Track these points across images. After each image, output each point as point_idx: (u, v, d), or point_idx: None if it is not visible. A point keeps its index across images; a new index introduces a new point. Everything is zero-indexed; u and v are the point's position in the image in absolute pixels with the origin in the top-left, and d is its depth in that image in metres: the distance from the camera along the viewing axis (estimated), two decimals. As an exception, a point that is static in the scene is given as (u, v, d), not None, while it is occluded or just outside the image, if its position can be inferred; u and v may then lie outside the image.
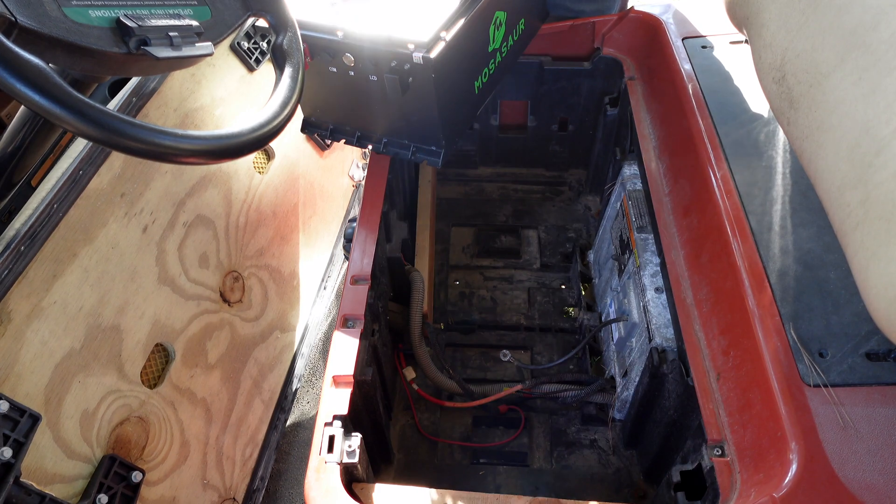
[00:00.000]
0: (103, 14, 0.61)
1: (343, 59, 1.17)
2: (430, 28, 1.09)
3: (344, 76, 1.21)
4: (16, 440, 0.81)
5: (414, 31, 1.09)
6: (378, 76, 1.17)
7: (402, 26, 1.10)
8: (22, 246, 0.89)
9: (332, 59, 1.18)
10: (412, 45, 1.07)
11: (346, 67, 1.19)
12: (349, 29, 1.12)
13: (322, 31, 1.14)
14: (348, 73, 1.20)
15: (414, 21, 1.11)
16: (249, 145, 0.70)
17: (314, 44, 1.17)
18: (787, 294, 0.87)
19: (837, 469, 0.72)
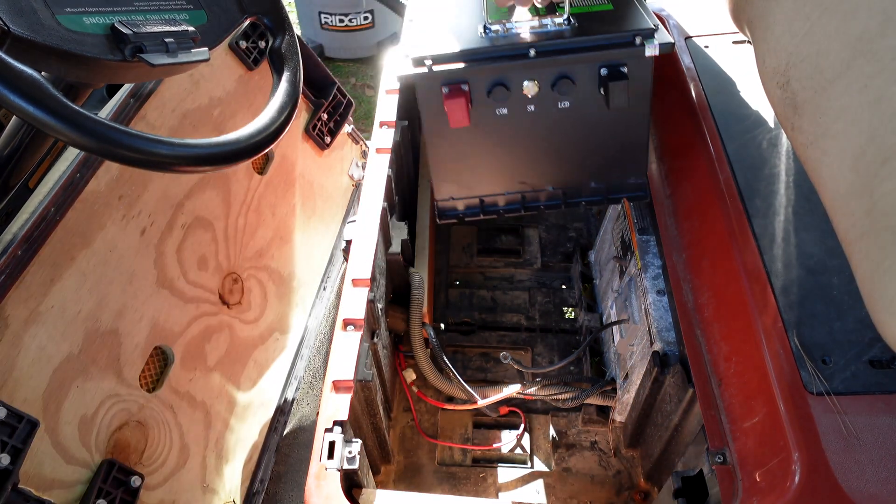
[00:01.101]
0: (98, 21, 0.60)
1: (523, 91, 0.96)
2: (638, 17, 0.93)
3: (516, 117, 1.00)
4: (14, 446, 0.81)
5: (624, 23, 0.91)
6: (575, 98, 0.98)
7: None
8: (19, 250, 0.89)
9: (508, 93, 0.96)
10: (639, 38, 0.92)
11: (523, 103, 0.98)
12: (544, 42, 0.91)
13: (502, 55, 0.92)
14: (526, 109, 0.99)
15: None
16: (247, 152, 0.69)
17: (480, 80, 0.94)
18: (789, 299, 0.87)
19: (840, 479, 0.71)
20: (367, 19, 3.14)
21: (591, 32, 0.93)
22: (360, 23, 3.14)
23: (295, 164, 1.57)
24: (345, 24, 3.13)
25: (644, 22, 0.94)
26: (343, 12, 3.09)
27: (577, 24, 0.95)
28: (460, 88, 0.95)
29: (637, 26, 0.93)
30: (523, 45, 0.92)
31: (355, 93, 3.18)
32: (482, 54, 0.93)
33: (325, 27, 3.16)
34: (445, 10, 1.01)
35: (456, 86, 0.95)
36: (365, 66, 3.32)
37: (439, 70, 0.93)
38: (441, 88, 0.95)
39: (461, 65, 0.93)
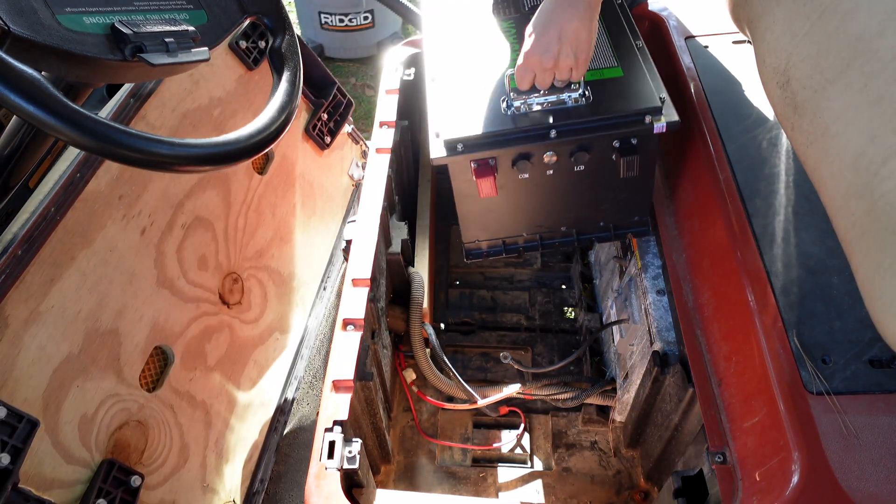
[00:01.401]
0: (98, 21, 0.60)
1: (543, 160, 1.04)
2: (647, 91, 1.01)
3: (536, 180, 1.08)
4: (14, 446, 0.81)
5: (635, 100, 1.00)
6: (589, 163, 1.06)
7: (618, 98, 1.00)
8: (19, 250, 0.89)
9: (530, 164, 1.05)
10: (648, 118, 1.00)
11: (543, 169, 1.06)
12: (562, 122, 1.00)
13: (526, 136, 1.01)
14: (545, 174, 1.07)
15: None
16: (248, 151, 0.69)
17: (507, 157, 1.03)
18: (789, 299, 0.87)
19: (840, 478, 0.71)
20: (367, 19, 3.14)
21: (604, 110, 1.01)
22: (360, 23, 3.14)
23: (295, 164, 1.57)
24: (345, 24, 3.13)
25: (652, 98, 1.01)
26: (343, 12, 3.09)
27: (592, 97, 1.02)
28: (488, 164, 1.04)
29: (646, 104, 1.00)
30: (544, 127, 1.00)
31: (355, 93, 3.18)
32: (507, 135, 1.02)
33: (325, 27, 3.16)
34: (469, 81, 1.10)
35: (484, 162, 1.04)
36: (365, 66, 3.32)
37: (470, 153, 1.02)
38: (470, 163, 1.04)
39: (489, 148, 1.02)
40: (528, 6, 1.22)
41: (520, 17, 1.20)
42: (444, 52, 1.18)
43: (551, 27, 0.93)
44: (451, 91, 1.09)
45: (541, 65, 0.96)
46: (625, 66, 1.07)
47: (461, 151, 1.02)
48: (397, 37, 3.28)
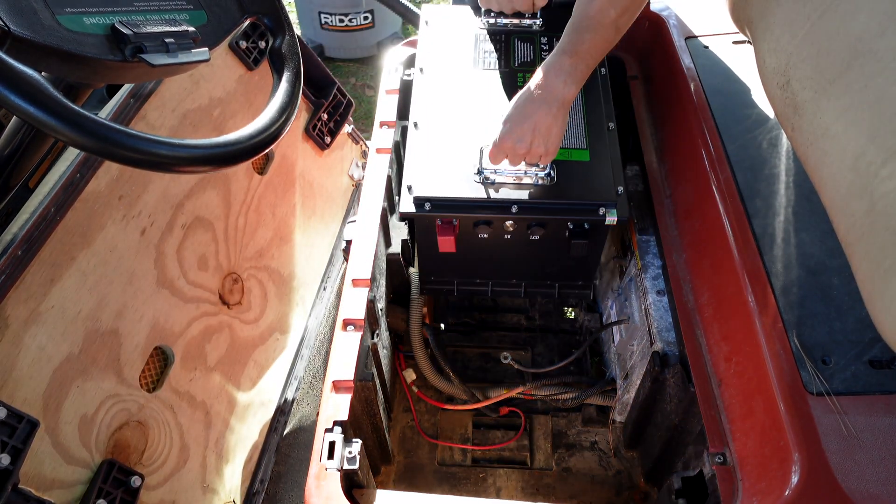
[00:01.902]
0: (98, 21, 0.60)
1: (503, 226, 1.12)
2: (606, 183, 1.08)
3: (493, 241, 1.17)
4: (14, 446, 0.81)
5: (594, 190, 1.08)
6: (544, 235, 1.14)
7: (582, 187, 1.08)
8: (19, 251, 0.89)
9: (489, 228, 1.13)
10: (602, 210, 1.07)
11: (501, 233, 1.15)
12: (525, 200, 1.08)
13: (489, 206, 1.09)
14: (503, 237, 1.16)
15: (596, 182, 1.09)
16: (248, 152, 0.69)
17: (469, 220, 1.11)
18: (790, 299, 0.87)
19: (840, 479, 0.71)
20: (367, 19, 3.14)
21: (565, 194, 1.09)
22: (360, 23, 3.14)
23: (295, 164, 1.57)
24: (345, 24, 3.13)
25: (610, 191, 1.08)
26: (343, 12, 3.09)
27: (556, 179, 1.10)
28: (451, 223, 1.12)
29: (603, 196, 1.08)
30: (507, 201, 1.08)
31: (355, 93, 3.18)
32: (473, 203, 1.09)
33: (325, 27, 3.16)
34: (447, 137, 1.17)
35: (448, 221, 1.12)
36: (365, 66, 3.32)
37: (437, 213, 1.10)
38: (436, 220, 1.12)
39: (454, 211, 1.10)
40: (517, 63, 1.30)
41: (508, 73, 1.28)
42: (431, 96, 1.24)
43: (526, 121, 1.00)
44: (429, 144, 1.16)
45: (514, 151, 1.03)
46: (593, 150, 1.14)
47: (428, 210, 1.10)
48: (397, 37, 3.28)
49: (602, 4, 0.98)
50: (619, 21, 1.00)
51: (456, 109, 1.22)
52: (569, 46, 1.00)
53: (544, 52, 1.31)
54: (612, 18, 0.99)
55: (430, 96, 1.24)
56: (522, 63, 1.29)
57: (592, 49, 1.00)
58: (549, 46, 1.32)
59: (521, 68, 1.28)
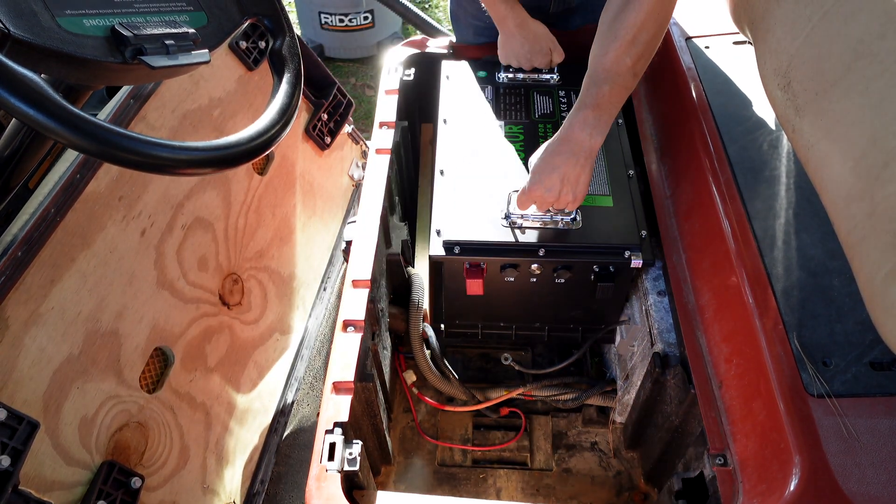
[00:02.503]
0: (98, 23, 0.60)
1: (530, 269, 1.15)
2: (630, 227, 1.12)
3: (519, 284, 1.19)
4: (14, 448, 0.81)
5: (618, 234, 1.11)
6: (569, 279, 1.16)
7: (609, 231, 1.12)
8: (19, 252, 0.89)
9: (516, 271, 1.16)
10: (627, 253, 1.10)
11: (528, 277, 1.17)
12: (552, 243, 1.12)
13: (517, 249, 1.12)
14: (529, 280, 1.18)
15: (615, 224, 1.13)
16: (248, 154, 0.69)
17: (496, 263, 1.14)
18: (790, 301, 0.87)
19: (841, 481, 0.71)
20: (367, 19, 3.14)
21: (591, 238, 1.12)
22: (360, 23, 3.14)
23: (295, 165, 1.57)
24: (345, 24, 3.13)
25: (634, 234, 1.12)
26: (343, 12, 3.09)
27: (581, 223, 1.13)
28: (479, 267, 1.15)
29: (628, 239, 1.12)
30: (535, 244, 1.11)
31: (355, 93, 3.17)
32: (501, 247, 1.12)
33: (325, 27, 3.15)
34: (474, 183, 1.21)
35: (476, 265, 1.15)
36: (365, 66, 3.31)
37: (464, 256, 1.14)
38: (464, 263, 1.15)
39: (483, 254, 1.13)
40: (537, 115, 1.36)
41: (529, 124, 1.33)
42: (456, 145, 1.29)
43: (555, 172, 1.04)
44: (456, 189, 1.20)
45: (542, 200, 1.07)
46: (616, 195, 1.19)
47: (457, 253, 1.13)
48: (397, 37, 3.28)
49: (617, 55, 0.99)
50: (636, 68, 1.01)
51: (480, 158, 1.26)
52: (590, 100, 1.02)
53: (563, 104, 1.38)
54: (628, 66, 1.00)
55: (455, 145, 1.29)
56: (542, 115, 1.35)
57: (612, 98, 1.02)
58: (566, 99, 1.39)
59: (542, 119, 1.34)
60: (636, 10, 0.96)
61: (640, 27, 0.97)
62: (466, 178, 1.22)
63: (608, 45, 0.99)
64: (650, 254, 1.11)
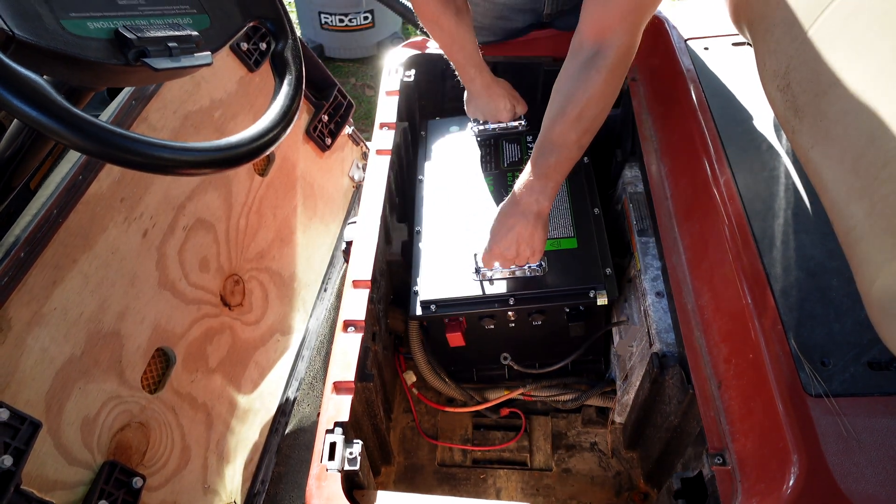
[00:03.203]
0: (102, 26, 0.61)
1: (506, 315, 1.22)
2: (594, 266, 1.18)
3: (498, 330, 1.26)
4: (16, 448, 0.81)
5: (583, 275, 1.18)
6: (545, 320, 1.23)
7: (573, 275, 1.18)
8: (22, 253, 0.89)
9: (494, 320, 1.23)
10: (592, 292, 1.16)
11: (506, 322, 1.24)
12: (520, 293, 1.18)
13: (489, 301, 1.19)
14: (507, 325, 1.25)
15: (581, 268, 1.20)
16: (248, 155, 0.70)
17: (474, 316, 1.22)
18: (789, 301, 0.87)
19: (839, 480, 0.72)
20: (367, 19, 3.14)
21: (557, 282, 1.19)
22: (360, 23, 3.14)
23: (296, 166, 1.57)
24: (345, 24, 3.13)
25: (598, 273, 1.18)
26: (343, 12, 3.09)
27: (547, 269, 1.20)
28: (458, 320, 1.23)
29: (592, 279, 1.18)
30: (505, 295, 1.19)
31: (355, 93, 3.18)
32: (473, 301, 1.20)
33: (325, 27, 3.16)
34: (448, 242, 1.30)
35: (455, 318, 1.23)
36: (365, 66, 3.32)
37: (442, 312, 1.22)
38: (444, 318, 1.23)
39: (459, 309, 1.21)
40: (506, 163, 1.42)
41: (498, 174, 1.40)
42: (430, 204, 1.37)
43: (510, 233, 1.11)
44: (432, 249, 1.29)
45: (503, 258, 1.15)
46: (580, 236, 1.25)
47: (433, 312, 1.21)
48: (397, 37, 3.28)
49: (563, 129, 1.04)
50: (581, 141, 1.06)
51: (453, 214, 1.34)
52: (537, 169, 1.08)
53: (529, 148, 1.41)
54: (574, 140, 1.05)
55: (430, 203, 1.38)
56: (511, 163, 1.42)
57: (558, 168, 1.07)
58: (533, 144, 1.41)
59: (510, 168, 1.41)
60: (585, 89, 1.01)
61: (587, 105, 1.02)
62: (440, 236, 1.31)
63: (556, 118, 1.05)
64: (614, 290, 1.17)
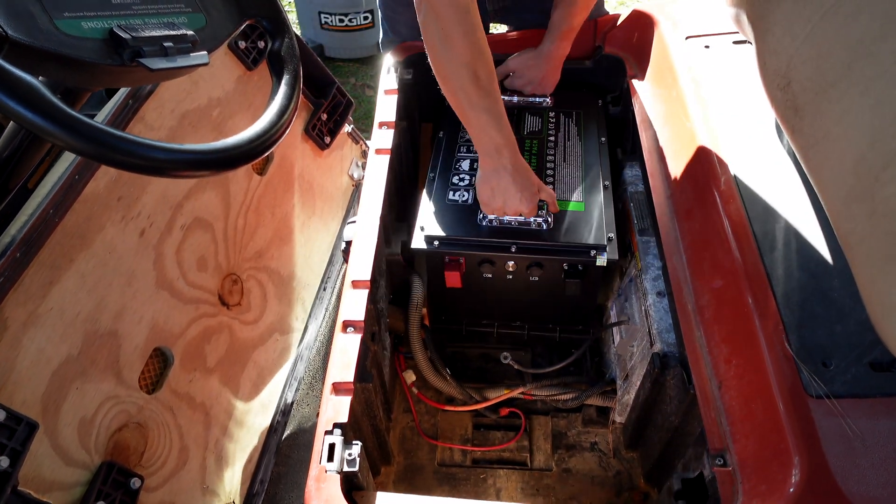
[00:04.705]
0: (96, 25, 0.60)
1: (505, 266, 1.24)
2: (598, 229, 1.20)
3: (496, 280, 1.28)
4: (13, 449, 0.81)
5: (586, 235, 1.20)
6: (542, 276, 1.24)
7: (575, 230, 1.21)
8: (18, 252, 0.89)
9: (493, 267, 1.24)
10: (594, 252, 1.18)
11: (504, 273, 1.26)
12: (522, 241, 1.20)
13: (491, 246, 1.21)
14: (505, 277, 1.26)
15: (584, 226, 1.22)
16: (247, 156, 0.69)
17: (473, 258, 1.24)
18: (790, 302, 0.86)
19: (841, 482, 0.71)
20: (367, 19, 3.14)
21: (560, 237, 1.20)
22: (360, 23, 3.13)
23: (294, 165, 1.57)
24: (345, 23, 3.13)
25: (601, 236, 1.20)
26: (343, 12, 3.09)
27: (553, 224, 1.22)
28: (457, 261, 1.25)
29: (595, 240, 1.19)
30: (507, 242, 1.20)
31: (355, 93, 3.17)
32: (475, 242, 1.22)
33: (325, 27, 3.15)
34: (457, 196, 1.31)
35: (455, 258, 1.24)
36: (365, 66, 3.31)
37: (444, 249, 1.23)
38: (444, 257, 1.24)
39: (460, 249, 1.23)
40: (525, 132, 1.45)
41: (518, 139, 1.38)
42: (449, 154, 1.40)
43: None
44: (442, 192, 1.31)
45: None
46: (588, 201, 1.28)
47: (436, 247, 1.23)
48: (398, 36, 3.27)
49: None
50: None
51: (467, 166, 1.37)
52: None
53: (551, 122, 1.46)
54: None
55: (446, 154, 1.41)
56: (530, 132, 1.44)
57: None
58: (555, 119, 1.47)
59: (529, 136, 1.43)
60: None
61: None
62: (452, 182, 1.33)
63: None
64: (615, 253, 1.18)
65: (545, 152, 1.38)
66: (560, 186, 1.30)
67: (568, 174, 1.33)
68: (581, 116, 1.48)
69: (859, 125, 0.64)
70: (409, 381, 1.44)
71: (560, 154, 1.38)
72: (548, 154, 1.38)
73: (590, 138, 1.42)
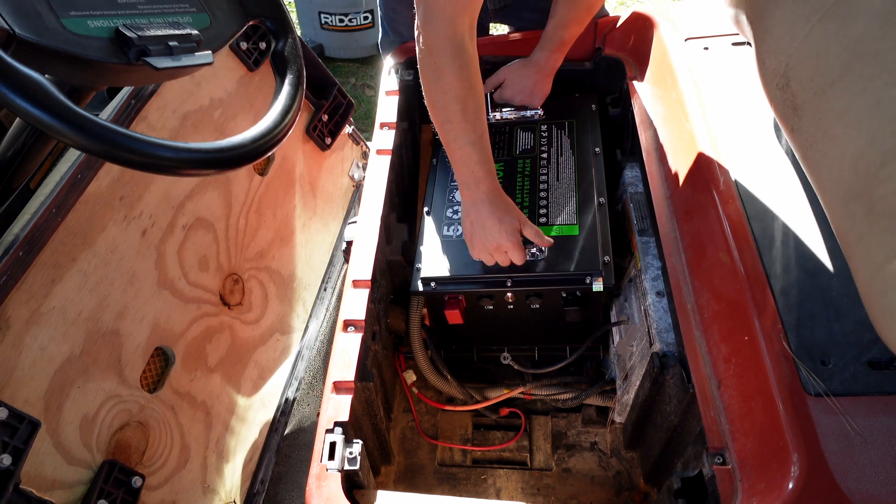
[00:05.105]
0: (102, 24, 0.61)
1: (504, 297, 1.24)
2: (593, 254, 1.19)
3: (498, 311, 1.28)
4: (15, 447, 0.81)
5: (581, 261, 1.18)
6: (542, 304, 1.24)
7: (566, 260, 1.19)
8: (21, 251, 0.89)
9: (492, 301, 1.25)
10: (589, 278, 1.17)
11: (504, 304, 1.26)
12: (517, 275, 1.19)
13: (486, 282, 1.21)
14: (506, 307, 1.26)
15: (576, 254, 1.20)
16: (251, 155, 0.70)
17: (472, 294, 1.24)
18: (789, 301, 0.87)
19: (840, 480, 0.72)
20: (367, 19, 3.14)
21: (555, 268, 1.19)
22: (360, 23, 3.14)
23: (295, 165, 1.57)
24: (345, 24, 3.13)
25: (596, 261, 1.18)
26: (343, 12, 3.09)
27: (547, 253, 1.21)
28: (457, 299, 1.25)
29: (590, 266, 1.18)
30: (502, 277, 1.20)
31: (355, 93, 3.18)
32: (473, 282, 1.22)
33: (325, 27, 3.16)
34: (451, 221, 1.32)
35: (454, 296, 1.25)
36: (365, 66, 3.32)
37: (441, 290, 1.23)
38: (444, 296, 1.25)
39: (458, 287, 1.23)
40: (518, 151, 1.43)
41: (510, 161, 1.41)
42: (441, 186, 1.39)
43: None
44: (437, 229, 1.30)
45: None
46: (582, 223, 1.25)
47: (434, 289, 1.23)
48: (397, 37, 3.28)
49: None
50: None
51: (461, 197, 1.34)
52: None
53: (543, 137, 1.43)
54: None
55: (441, 185, 1.39)
56: (523, 151, 1.42)
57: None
58: (547, 133, 1.45)
59: (521, 156, 1.41)
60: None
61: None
62: (447, 217, 1.32)
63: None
64: (611, 278, 1.16)
65: (538, 172, 1.36)
66: (553, 209, 1.28)
67: (561, 195, 1.31)
68: (574, 126, 1.45)
69: (857, 124, 0.64)
70: (410, 380, 1.44)
71: (553, 173, 1.36)
72: (541, 174, 1.36)
73: (584, 150, 1.39)
